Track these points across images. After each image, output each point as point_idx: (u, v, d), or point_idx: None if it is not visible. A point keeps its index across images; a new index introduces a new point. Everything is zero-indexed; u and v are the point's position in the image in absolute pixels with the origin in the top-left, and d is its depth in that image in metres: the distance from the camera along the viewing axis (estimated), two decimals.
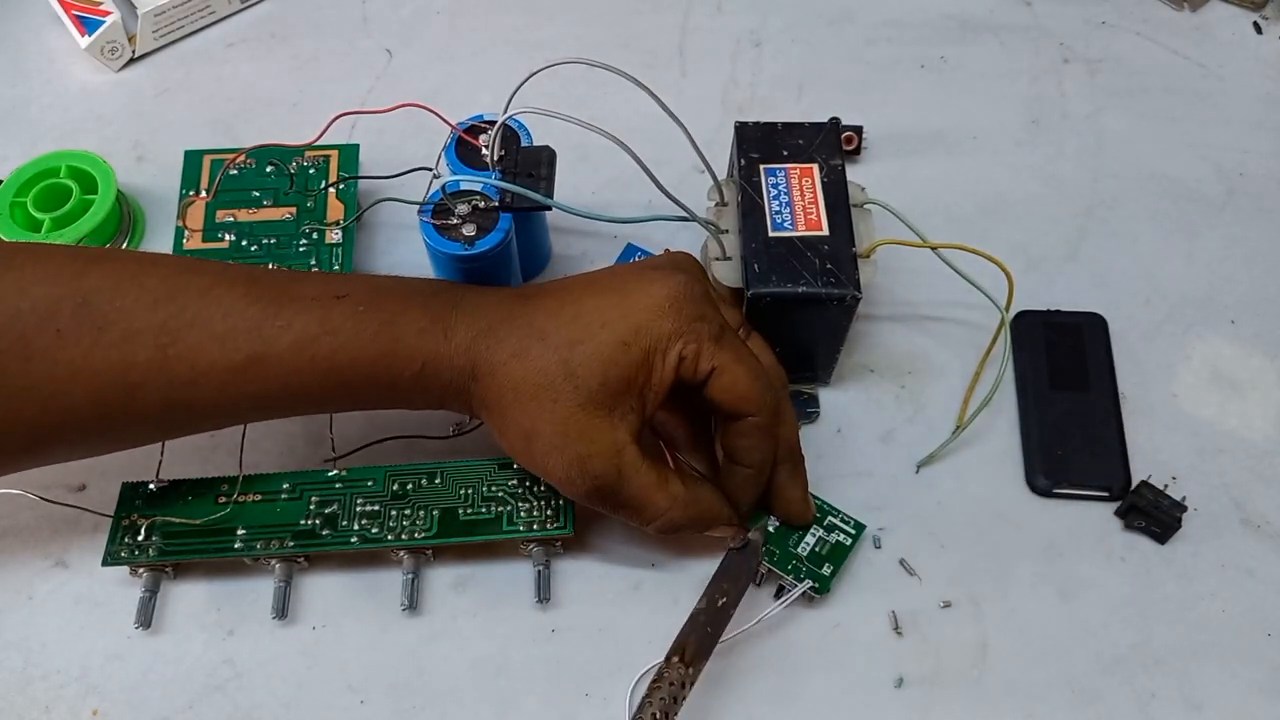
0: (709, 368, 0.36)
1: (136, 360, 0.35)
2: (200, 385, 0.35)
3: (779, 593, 0.41)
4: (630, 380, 0.36)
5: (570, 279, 0.39)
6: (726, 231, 0.42)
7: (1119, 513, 0.43)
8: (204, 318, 0.35)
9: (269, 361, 0.35)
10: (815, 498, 0.42)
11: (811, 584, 0.40)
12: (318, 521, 0.40)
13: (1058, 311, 0.48)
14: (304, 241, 0.46)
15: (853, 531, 0.41)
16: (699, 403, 0.38)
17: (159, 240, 0.50)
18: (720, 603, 0.37)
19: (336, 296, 0.36)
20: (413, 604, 0.40)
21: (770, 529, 0.41)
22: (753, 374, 0.37)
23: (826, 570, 0.40)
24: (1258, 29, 0.59)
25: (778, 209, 0.41)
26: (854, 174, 0.44)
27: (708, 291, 0.38)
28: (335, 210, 0.47)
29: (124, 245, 0.50)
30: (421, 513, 0.41)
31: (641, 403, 0.37)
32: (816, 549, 0.41)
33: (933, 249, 0.41)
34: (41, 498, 0.41)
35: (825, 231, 0.41)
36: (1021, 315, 0.47)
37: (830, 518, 0.42)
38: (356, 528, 0.40)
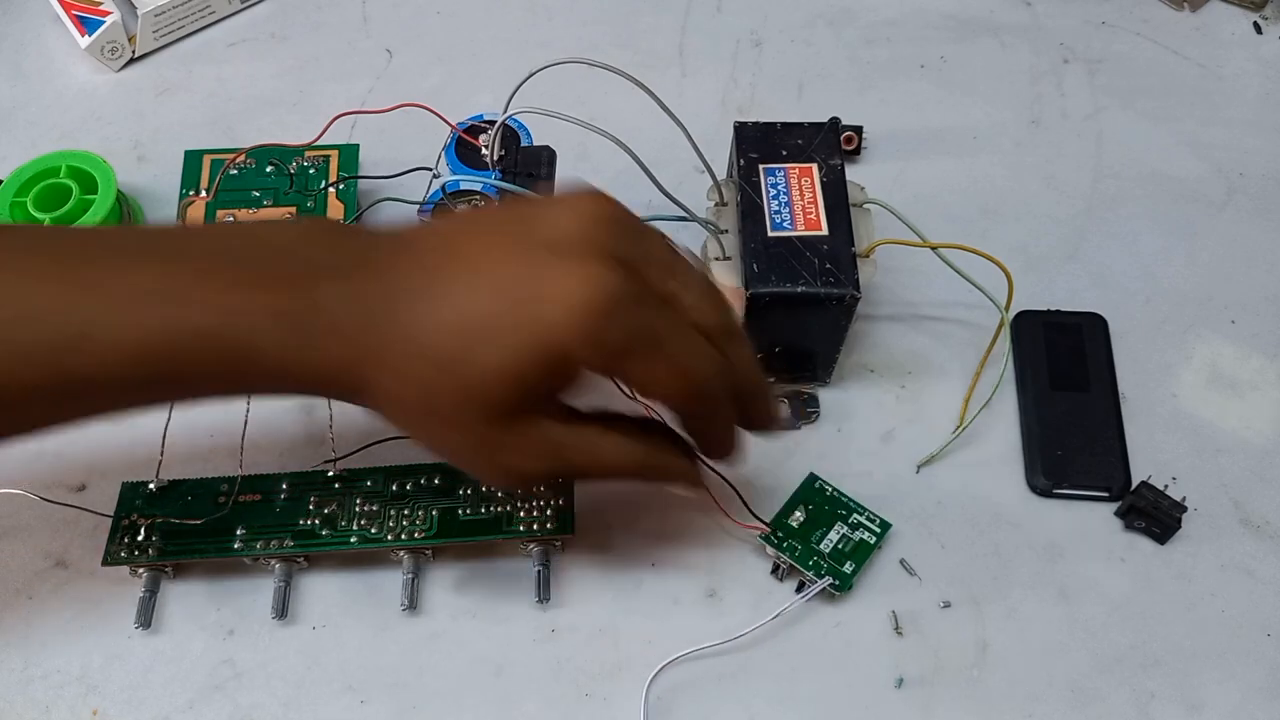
0: (649, 390, 0.32)
1: None
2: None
3: (800, 588, 0.41)
4: (545, 392, 0.31)
5: (438, 238, 0.33)
6: (726, 231, 0.42)
7: (1119, 513, 0.43)
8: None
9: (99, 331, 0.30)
10: (840, 494, 0.42)
11: (832, 580, 0.40)
12: (317, 521, 0.40)
13: (1057, 311, 0.48)
14: None
15: (877, 530, 0.41)
16: None
17: None
18: None
19: (148, 292, 0.30)
20: (412, 604, 0.40)
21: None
22: (694, 379, 0.32)
23: (848, 568, 0.40)
24: (1257, 29, 0.59)
25: (777, 209, 0.41)
26: (853, 174, 0.44)
27: (634, 276, 0.30)
28: (335, 210, 0.47)
29: None
30: (421, 513, 0.41)
31: (559, 402, 0.33)
32: (839, 546, 0.41)
33: (932, 249, 0.41)
34: (42, 497, 0.41)
35: (824, 231, 0.41)
36: (1021, 315, 0.47)
37: (855, 515, 0.42)
38: (356, 528, 0.40)
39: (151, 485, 0.41)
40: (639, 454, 0.34)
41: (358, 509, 0.41)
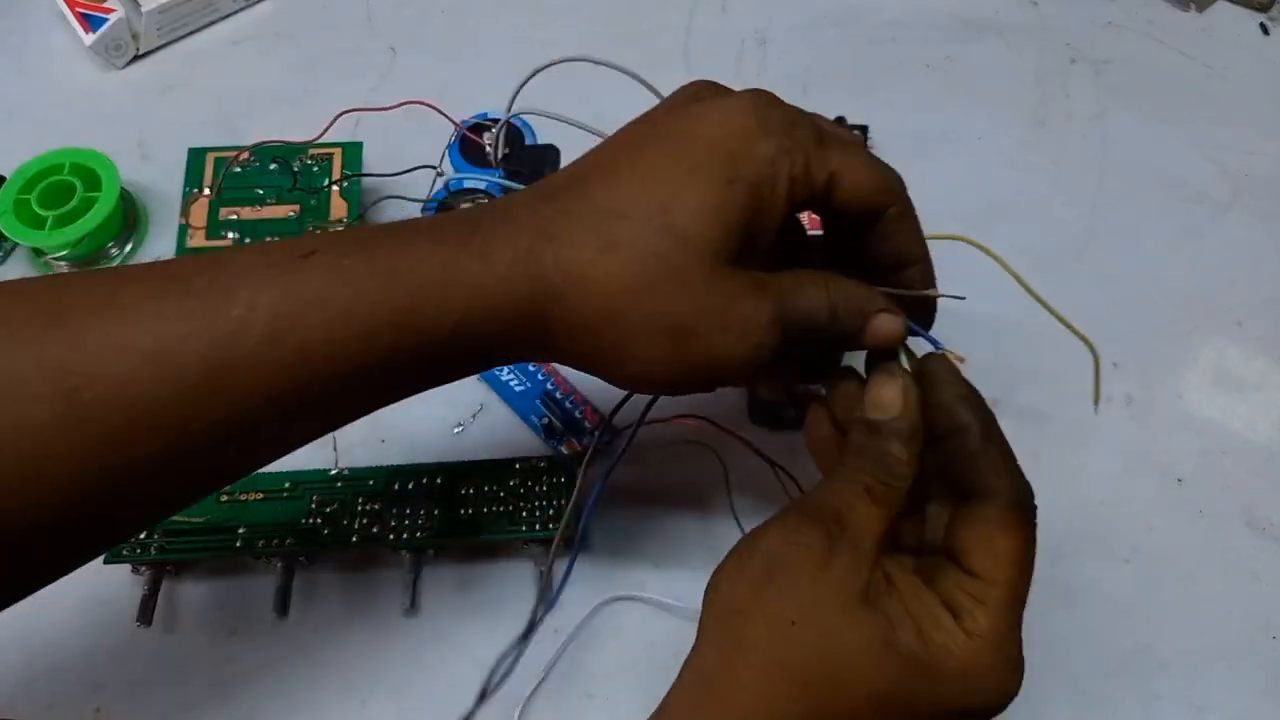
0: (825, 176, 0.29)
1: (37, 420, 0.24)
2: (142, 428, 0.25)
3: None
4: (749, 223, 0.28)
5: (605, 146, 0.30)
6: None
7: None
8: (117, 336, 0.25)
9: (237, 370, 0.25)
10: None
11: None
12: (319, 520, 0.40)
13: None
14: None
15: None
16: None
17: (163, 238, 0.50)
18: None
19: (302, 255, 0.26)
20: (414, 604, 0.40)
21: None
22: (871, 161, 0.30)
23: None
24: (1264, 30, 0.59)
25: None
26: None
27: (773, 95, 0.30)
28: (339, 208, 0.47)
29: (128, 243, 0.50)
30: (423, 512, 0.40)
31: (758, 255, 0.30)
32: None
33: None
34: None
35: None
36: None
37: None
38: (358, 527, 0.40)
39: None
40: (842, 285, 0.31)
41: (359, 508, 0.41)
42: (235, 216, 0.47)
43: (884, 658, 0.27)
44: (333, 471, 0.41)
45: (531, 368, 0.45)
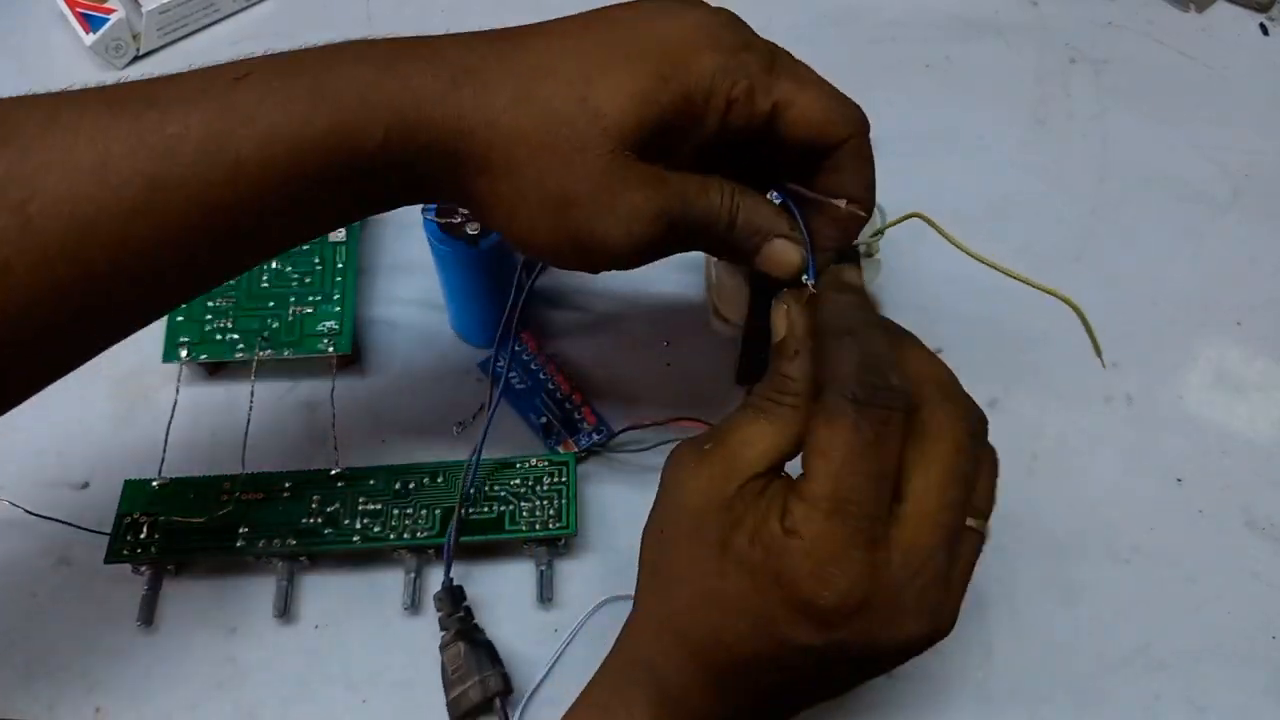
0: (768, 105, 0.29)
1: None
2: (89, 242, 0.26)
3: None
4: (668, 127, 0.28)
5: (553, 20, 0.30)
6: None
7: None
8: (60, 154, 0.26)
9: (174, 184, 0.26)
10: None
11: None
12: (320, 520, 0.40)
13: None
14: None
15: None
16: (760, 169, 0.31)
17: None
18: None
19: (235, 78, 0.27)
20: (414, 603, 0.40)
21: None
22: (826, 93, 0.30)
23: None
24: (1264, 30, 0.59)
25: None
26: None
27: (737, 17, 0.31)
28: None
29: None
30: (424, 512, 0.40)
31: (671, 163, 0.29)
32: None
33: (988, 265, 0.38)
34: (27, 511, 0.41)
35: None
36: None
37: None
38: (359, 526, 0.40)
39: (154, 483, 0.41)
40: (748, 202, 0.30)
41: (360, 508, 0.41)
42: None
43: (714, 559, 0.27)
44: (333, 471, 0.41)
45: (533, 366, 0.45)
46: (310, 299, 0.45)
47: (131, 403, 0.45)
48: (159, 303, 0.31)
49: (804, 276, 0.31)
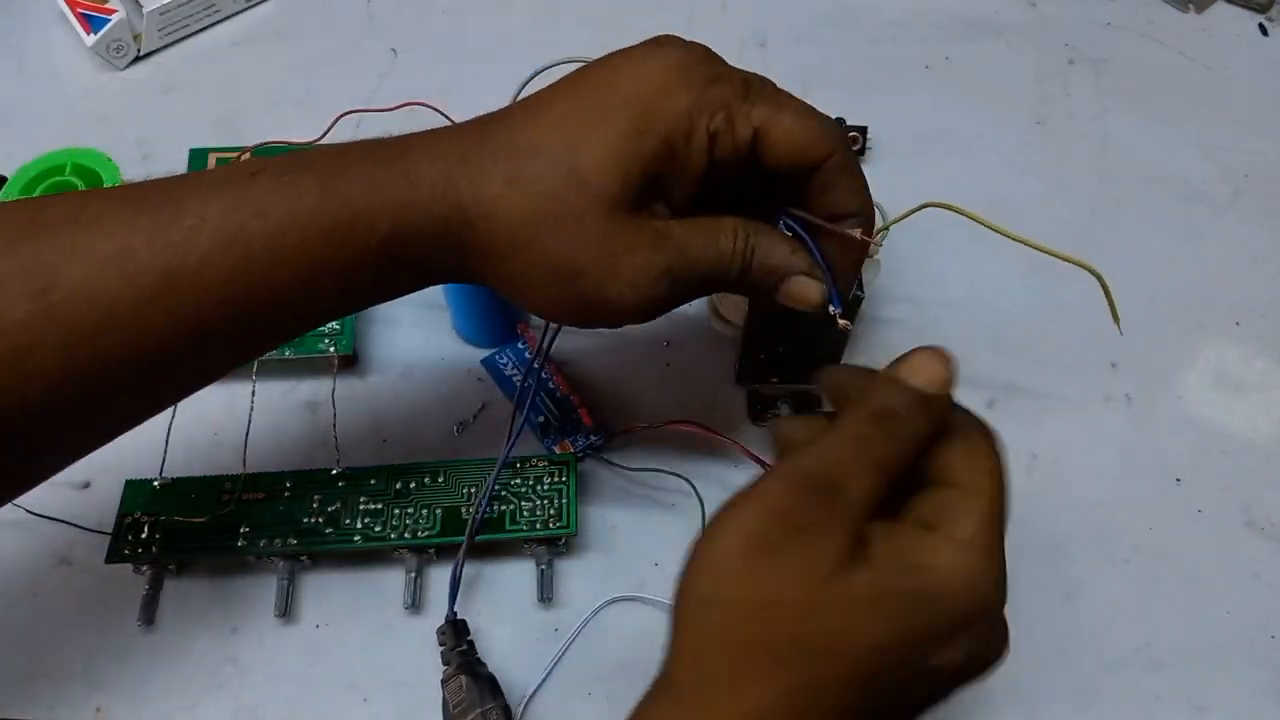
0: (749, 131, 0.30)
1: (14, 318, 0.27)
2: (108, 328, 0.27)
3: None
4: (655, 175, 0.29)
5: (545, 89, 0.31)
6: None
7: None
8: (83, 243, 0.27)
9: (190, 274, 0.28)
10: None
11: None
12: (320, 520, 0.40)
13: None
14: None
15: None
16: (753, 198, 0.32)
17: None
18: None
19: (250, 174, 0.29)
20: (415, 603, 0.40)
21: None
22: (803, 112, 0.31)
23: None
24: (1263, 30, 0.59)
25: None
26: None
27: (709, 51, 0.31)
28: None
29: None
30: (424, 511, 0.41)
31: (670, 206, 0.30)
32: None
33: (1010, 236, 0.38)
34: (29, 511, 0.41)
35: None
36: None
37: None
38: (359, 526, 0.40)
39: (155, 483, 0.41)
40: (762, 241, 0.31)
41: (361, 507, 0.41)
42: None
43: (870, 610, 0.25)
44: (334, 471, 0.42)
45: (535, 365, 0.45)
46: None
47: None
48: (173, 391, 0.32)
49: (830, 308, 0.31)
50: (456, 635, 0.39)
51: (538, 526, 0.40)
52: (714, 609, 0.26)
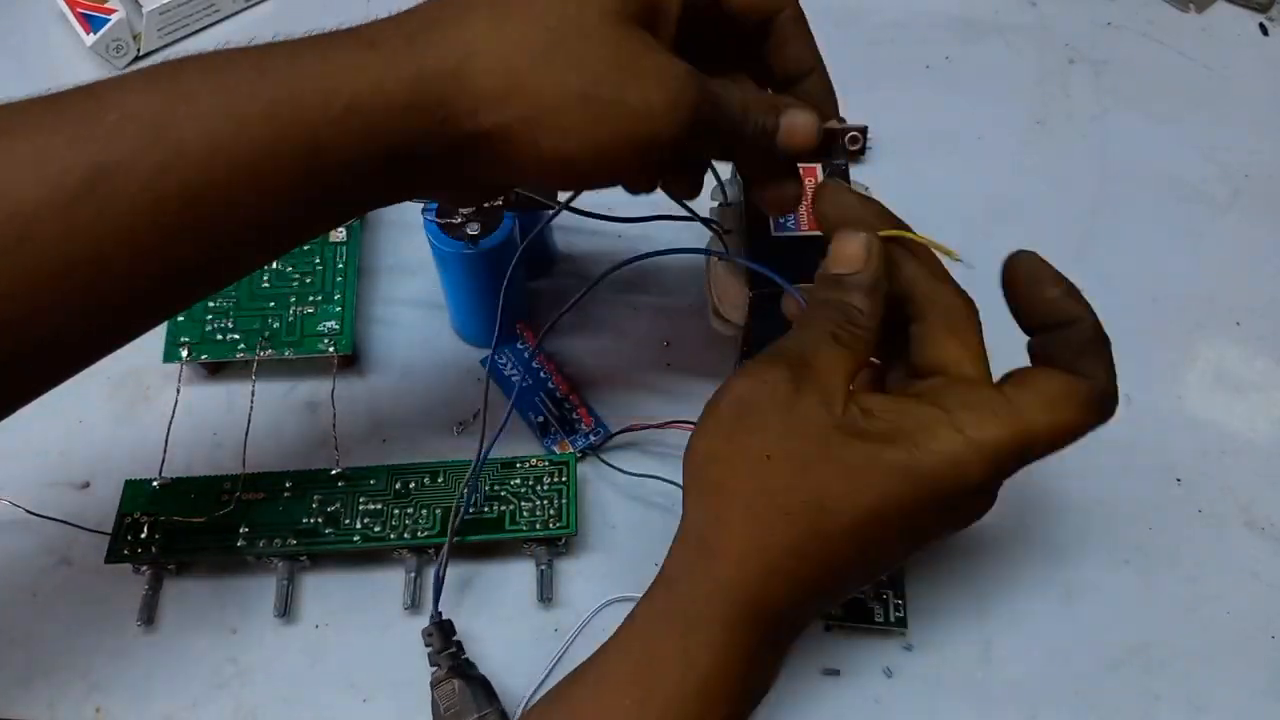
0: None
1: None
2: (32, 235, 0.25)
3: None
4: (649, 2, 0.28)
5: None
6: (730, 231, 0.42)
7: None
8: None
9: (116, 171, 0.25)
10: None
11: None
12: (320, 520, 0.40)
13: None
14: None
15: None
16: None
17: None
18: None
19: (178, 63, 0.27)
20: (415, 603, 0.40)
21: None
22: None
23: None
24: (1263, 30, 0.59)
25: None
26: (858, 175, 0.44)
27: None
28: None
29: None
30: (424, 511, 0.41)
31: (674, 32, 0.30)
32: None
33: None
34: (29, 511, 0.41)
35: None
36: None
37: None
38: (359, 526, 0.40)
39: (155, 483, 0.41)
40: (747, 84, 0.32)
41: (361, 507, 0.41)
42: None
43: (868, 476, 0.27)
44: (334, 471, 0.42)
45: (534, 364, 0.45)
46: (311, 299, 0.45)
47: (132, 403, 0.45)
48: (124, 317, 0.29)
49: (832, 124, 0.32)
50: (444, 636, 0.38)
51: (537, 526, 0.40)
52: (715, 464, 0.29)
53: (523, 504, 0.41)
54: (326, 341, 0.44)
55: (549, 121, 0.27)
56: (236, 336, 0.44)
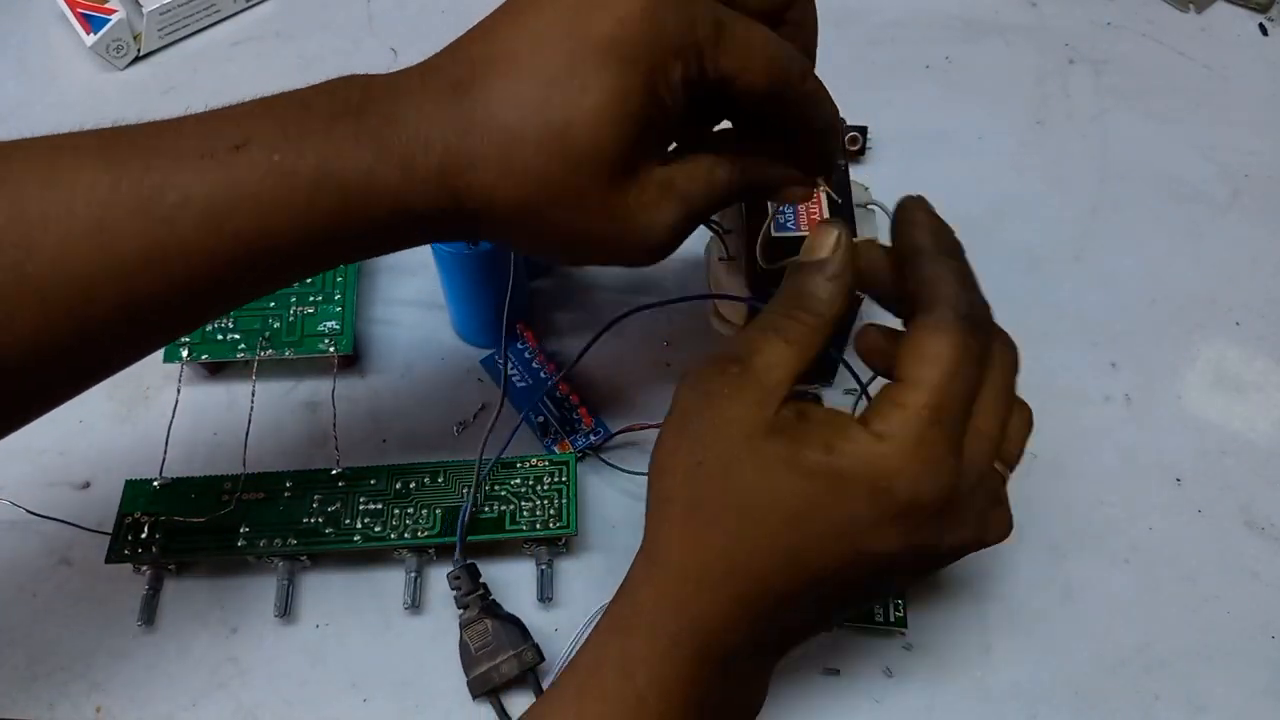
0: (718, 74, 0.29)
1: None
2: (90, 299, 0.27)
3: None
4: (643, 131, 0.28)
5: (495, 25, 0.30)
6: (730, 231, 0.42)
7: None
8: (59, 210, 0.26)
9: (174, 252, 0.27)
10: None
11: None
12: (320, 520, 0.40)
13: None
14: None
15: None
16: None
17: None
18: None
19: (234, 147, 0.27)
20: (415, 603, 0.40)
21: None
22: (775, 54, 0.30)
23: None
24: (1263, 30, 0.59)
25: (781, 209, 0.41)
26: (858, 175, 0.44)
27: None
28: None
29: None
30: (424, 511, 0.41)
31: (659, 151, 0.30)
32: None
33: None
34: (29, 511, 0.41)
35: None
36: None
37: None
38: (359, 526, 0.40)
39: (155, 483, 0.41)
40: (750, 167, 0.32)
41: (361, 507, 0.41)
42: None
43: (786, 477, 0.27)
44: (334, 471, 0.42)
45: (534, 364, 0.45)
46: (311, 299, 0.45)
47: (132, 403, 0.45)
48: (162, 342, 0.32)
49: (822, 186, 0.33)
50: (471, 578, 0.39)
51: (538, 526, 0.40)
52: (663, 475, 0.29)
53: (523, 504, 0.41)
54: (327, 341, 0.44)
55: (550, 252, 0.32)
56: (237, 336, 0.44)
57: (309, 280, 0.46)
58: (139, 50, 0.57)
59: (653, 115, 0.28)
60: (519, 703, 0.38)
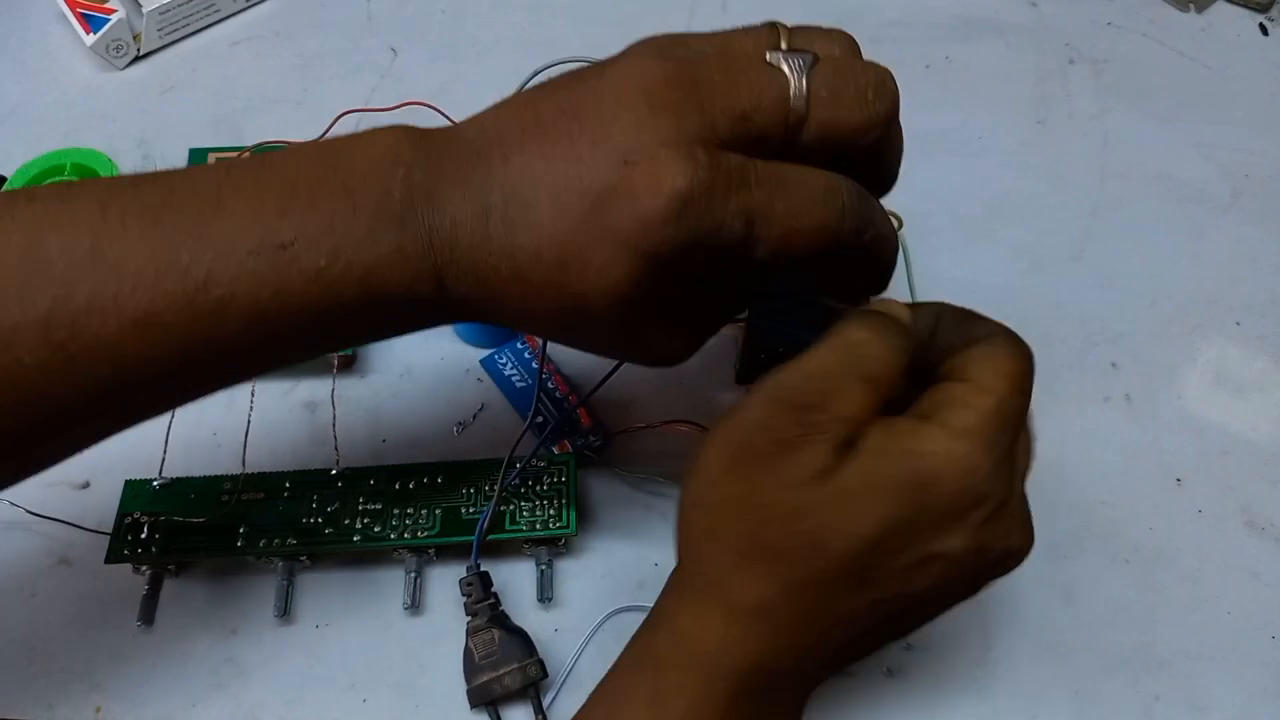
0: (763, 249, 0.27)
1: (30, 362, 0.26)
2: (128, 383, 0.28)
3: None
4: (666, 286, 0.28)
5: (514, 124, 0.30)
6: None
7: None
8: (104, 292, 0.26)
9: (218, 347, 0.28)
10: None
11: None
12: (320, 520, 0.40)
13: None
14: None
15: None
16: None
17: None
18: None
19: (280, 246, 0.27)
20: (415, 603, 0.40)
21: None
22: (815, 211, 0.28)
23: None
24: (1263, 30, 0.59)
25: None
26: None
27: (711, 151, 0.27)
28: None
29: None
30: (424, 512, 0.41)
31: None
32: None
33: None
34: (29, 511, 0.41)
35: None
36: None
37: None
38: (359, 526, 0.40)
39: (155, 483, 0.41)
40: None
41: (360, 508, 0.41)
42: None
43: (866, 498, 0.26)
44: (333, 471, 0.42)
45: (534, 364, 0.45)
46: None
47: None
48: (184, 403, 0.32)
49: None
50: (484, 586, 0.39)
51: (537, 527, 0.40)
52: (704, 510, 0.28)
53: (522, 504, 0.41)
54: None
55: (564, 340, 0.33)
56: None
57: None
58: (139, 50, 0.57)
59: (674, 295, 0.29)
60: (517, 718, 0.38)
